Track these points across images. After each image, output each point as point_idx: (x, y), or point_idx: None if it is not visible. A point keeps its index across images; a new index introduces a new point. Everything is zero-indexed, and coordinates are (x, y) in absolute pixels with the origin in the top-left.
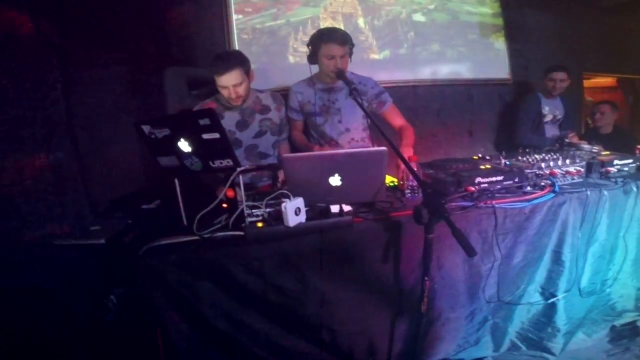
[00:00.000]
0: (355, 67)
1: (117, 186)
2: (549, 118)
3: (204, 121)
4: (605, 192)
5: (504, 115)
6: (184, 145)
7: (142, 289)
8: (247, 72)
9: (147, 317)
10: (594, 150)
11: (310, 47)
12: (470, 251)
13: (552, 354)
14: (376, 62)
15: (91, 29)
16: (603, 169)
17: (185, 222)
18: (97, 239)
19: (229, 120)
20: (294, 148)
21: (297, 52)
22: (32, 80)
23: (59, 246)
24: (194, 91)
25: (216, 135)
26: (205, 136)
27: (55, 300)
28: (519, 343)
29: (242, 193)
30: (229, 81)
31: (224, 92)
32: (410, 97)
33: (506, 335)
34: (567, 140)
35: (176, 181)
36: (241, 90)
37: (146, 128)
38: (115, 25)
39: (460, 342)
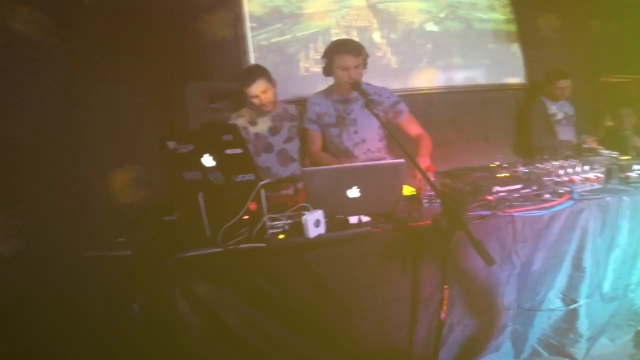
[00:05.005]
0: (368, 76)
1: (140, 198)
2: (560, 116)
3: (227, 137)
4: (626, 198)
5: (519, 121)
6: (208, 160)
7: (168, 299)
8: (270, 80)
9: (171, 327)
10: (613, 156)
11: (324, 59)
12: (489, 260)
13: (575, 359)
14: (390, 70)
15: (114, 43)
16: (623, 175)
17: (209, 234)
18: (123, 250)
19: (262, 125)
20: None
21: (309, 73)
22: (58, 93)
23: (87, 258)
24: (214, 104)
25: (239, 151)
26: (229, 151)
27: (82, 310)
28: (540, 349)
29: (264, 206)
30: (257, 90)
31: (255, 101)
32: (425, 105)
33: (527, 341)
34: (585, 146)
35: (200, 195)
36: (269, 95)
37: (171, 144)
38: (136, 40)
39: (480, 348)
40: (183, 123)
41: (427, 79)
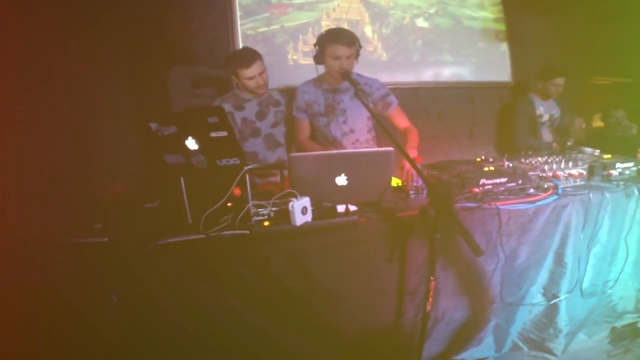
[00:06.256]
0: (358, 67)
1: (119, 184)
2: (545, 118)
3: (213, 119)
4: (607, 195)
5: (503, 117)
6: (191, 143)
7: (147, 287)
8: (263, 63)
9: (150, 316)
10: (596, 154)
11: (317, 47)
12: (477, 251)
13: (554, 354)
14: (379, 63)
15: (94, 26)
16: (605, 172)
17: (190, 220)
18: (99, 237)
19: (249, 110)
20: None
21: (297, 65)
22: (35, 77)
23: (62, 244)
24: (198, 90)
25: (224, 134)
26: (214, 134)
27: (57, 299)
28: (520, 344)
29: (249, 192)
30: (255, 71)
31: (251, 83)
32: (412, 98)
33: (508, 335)
34: (569, 144)
35: (182, 179)
36: (266, 77)
37: (154, 125)
38: (117, 23)
39: (464, 342)
40: (165, 109)
41: (415, 73)
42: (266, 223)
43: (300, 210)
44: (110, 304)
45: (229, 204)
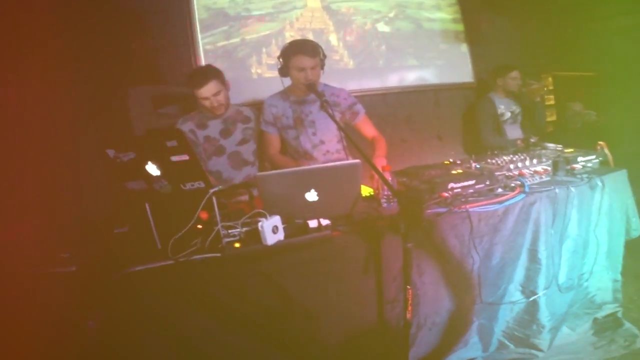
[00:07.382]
0: (326, 77)
1: (83, 211)
2: (507, 116)
3: (172, 143)
4: (573, 189)
5: (468, 118)
6: (152, 169)
7: (121, 316)
8: (223, 82)
9: (128, 343)
10: (558, 149)
11: (281, 60)
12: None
13: (540, 350)
14: (346, 71)
15: (49, 47)
16: (568, 167)
17: (159, 245)
18: (67, 266)
19: (213, 128)
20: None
21: (263, 79)
22: None
23: (29, 275)
24: (161, 110)
25: (185, 157)
26: (174, 158)
27: (33, 330)
28: (506, 342)
29: (217, 214)
30: (208, 92)
31: (206, 103)
32: (380, 104)
33: (493, 335)
34: (532, 140)
35: (147, 206)
36: (221, 98)
37: (111, 152)
38: (75, 44)
39: (450, 345)
40: (129, 131)
41: (382, 79)
42: (237, 244)
43: (271, 229)
44: (89, 331)
45: (199, 226)
